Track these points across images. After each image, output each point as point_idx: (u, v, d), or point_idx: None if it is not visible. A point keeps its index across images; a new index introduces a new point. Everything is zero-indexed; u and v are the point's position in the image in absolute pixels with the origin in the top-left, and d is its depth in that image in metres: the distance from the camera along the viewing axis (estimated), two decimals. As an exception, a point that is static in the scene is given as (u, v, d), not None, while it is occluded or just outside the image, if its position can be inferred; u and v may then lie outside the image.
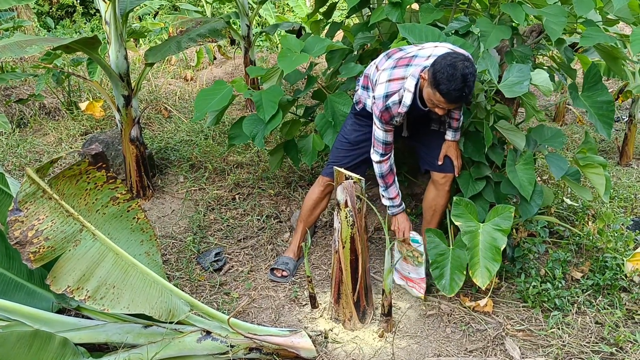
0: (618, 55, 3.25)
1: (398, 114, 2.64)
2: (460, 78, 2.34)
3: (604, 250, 3.08)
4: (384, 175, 2.84)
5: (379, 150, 2.78)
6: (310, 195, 3.21)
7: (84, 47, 3.35)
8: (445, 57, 2.40)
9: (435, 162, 2.98)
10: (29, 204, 2.10)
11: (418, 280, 2.93)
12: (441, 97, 2.42)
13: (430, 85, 2.45)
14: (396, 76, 2.63)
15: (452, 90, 2.36)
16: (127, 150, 3.80)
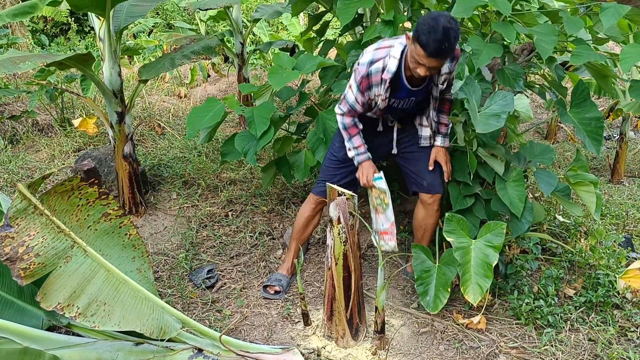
0: (608, 74, 3.29)
1: (379, 82, 2.61)
2: (441, 30, 2.31)
3: (597, 267, 3.09)
4: (347, 127, 2.84)
5: (343, 108, 2.80)
6: (301, 213, 3.19)
7: (78, 63, 3.36)
8: (429, 14, 2.40)
9: (423, 182, 2.98)
10: (20, 219, 2.09)
11: (389, 229, 2.93)
12: (421, 50, 2.38)
13: (412, 40, 2.43)
14: (384, 45, 2.62)
15: (431, 42, 2.33)
16: (120, 167, 3.79)
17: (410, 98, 2.75)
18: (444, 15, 2.36)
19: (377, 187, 2.88)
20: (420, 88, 2.73)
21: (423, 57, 2.40)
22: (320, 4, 4.37)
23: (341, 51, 4.36)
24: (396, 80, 2.64)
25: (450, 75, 2.77)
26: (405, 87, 2.68)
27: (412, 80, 2.66)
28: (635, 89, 2.80)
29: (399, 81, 2.65)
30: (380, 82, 2.61)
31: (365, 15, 3.91)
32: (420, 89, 2.73)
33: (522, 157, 3.05)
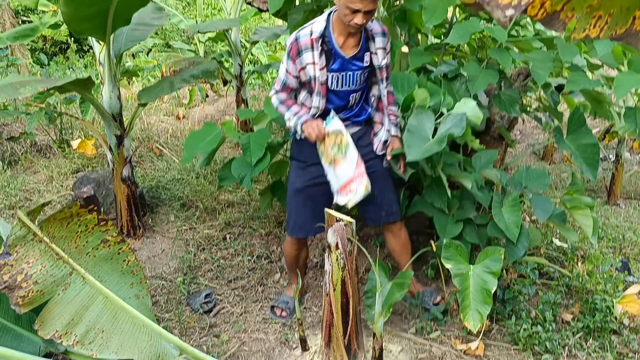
0: (603, 100, 3.33)
1: (310, 46, 2.56)
2: None
3: (594, 292, 3.10)
4: (283, 100, 2.78)
5: (277, 86, 2.76)
6: (288, 253, 3.10)
7: (78, 87, 3.39)
8: None
9: (381, 213, 2.95)
10: (19, 247, 2.10)
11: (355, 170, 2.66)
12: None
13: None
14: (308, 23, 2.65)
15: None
16: (119, 190, 3.80)
17: (347, 72, 2.68)
18: None
19: (331, 132, 2.65)
20: (353, 56, 2.66)
21: (357, 1, 2.38)
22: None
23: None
24: (327, 45, 2.60)
25: (385, 52, 2.72)
26: (339, 54, 2.63)
27: (344, 46, 2.63)
28: (629, 116, 2.83)
29: (330, 48, 2.61)
30: (311, 47, 2.57)
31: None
32: (352, 57, 2.66)
33: (517, 182, 3.08)
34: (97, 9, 3.02)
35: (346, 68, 2.67)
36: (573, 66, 3.09)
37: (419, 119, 2.76)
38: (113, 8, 3.06)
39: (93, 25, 3.18)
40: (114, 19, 3.19)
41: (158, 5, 4.23)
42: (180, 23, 8.52)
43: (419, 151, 2.63)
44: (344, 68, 2.67)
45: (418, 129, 2.71)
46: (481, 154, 3.12)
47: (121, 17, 3.23)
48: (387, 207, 2.95)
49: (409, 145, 2.66)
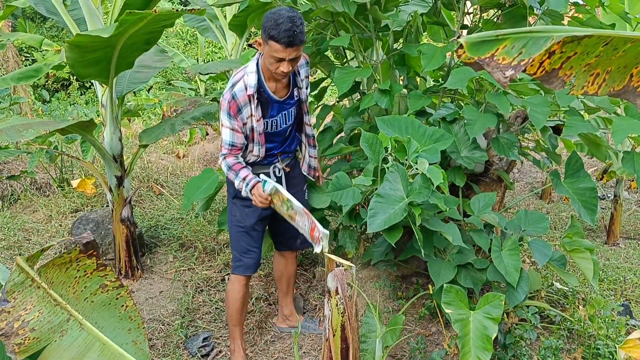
0: (600, 143, 3.35)
1: (247, 101, 2.60)
2: (286, 19, 2.38)
3: (596, 337, 3.07)
4: (231, 166, 2.75)
5: (224, 151, 2.74)
6: (234, 298, 2.99)
7: (80, 130, 3.41)
8: (269, 12, 2.45)
9: (297, 241, 3.12)
10: (17, 293, 2.08)
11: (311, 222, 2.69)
12: (276, 44, 2.41)
13: (264, 41, 2.46)
14: (239, 70, 2.67)
15: (282, 32, 2.37)
16: (118, 231, 3.79)
17: (282, 112, 2.77)
18: (283, 8, 2.46)
19: (272, 195, 2.72)
20: (287, 97, 2.77)
21: (281, 50, 2.43)
22: (319, 69, 4.49)
23: (338, 115, 4.44)
24: (263, 96, 2.67)
25: (307, 79, 2.87)
26: (273, 99, 2.71)
27: (277, 90, 2.72)
28: (627, 160, 2.85)
29: (265, 95, 2.68)
30: (248, 101, 2.62)
31: (362, 82, 4.00)
32: (286, 98, 2.77)
33: (516, 226, 3.08)
34: (101, 54, 3.06)
35: (282, 109, 2.79)
36: (570, 110, 3.13)
37: (392, 179, 2.74)
38: (117, 53, 3.11)
39: (97, 70, 3.22)
40: (117, 63, 3.24)
41: (160, 48, 4.29)
42: (182, 62, 8.65)
43: (380, 222, 2.61)
44: (280, 110, 2.78)
45: (389, 194, 2.69)
46: (480, 197, 3.13)
47: (124, 61, 3.28)
48: (292, 238, 3.12)
49: (372, 215, 2.64)
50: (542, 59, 1.26)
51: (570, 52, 1.27)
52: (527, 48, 1.22)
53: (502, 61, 1.24)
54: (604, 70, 1.32)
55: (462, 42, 1.22)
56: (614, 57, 1.29)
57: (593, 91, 1.34)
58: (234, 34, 5.24)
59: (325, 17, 3.74)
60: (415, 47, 3.39)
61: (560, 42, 1.22)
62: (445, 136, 2.97)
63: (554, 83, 1.33)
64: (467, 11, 3.59)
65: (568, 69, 1.31)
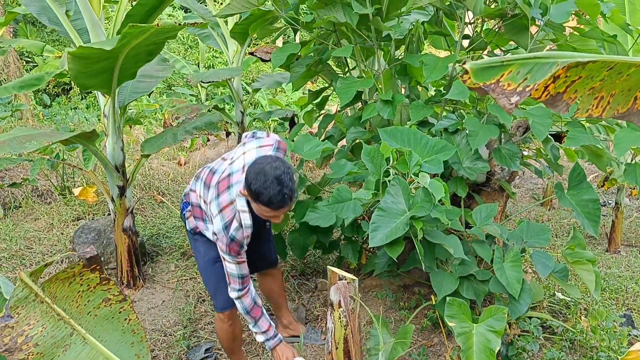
0: (602, 154, 3.36)
1: (245, 238, 2.51)
2: (274, 182, 2.25)
3: (599, 348, 3.07)
4: (249, 310, 2.62)
5: (236, 286, 2.58)
6: (225, 335, 2.91)
7: (83, 140, 3.42)
8: (253, 166, 2.33)
9: (271, 257, 3.18)
10: (21, 308, 2.09)
11: None
12: (267, 207, 2.33)
13: (252, 199, 2.36)
14: (225, 203, 2.49)
15: (272, 197, 2.27)
16: (119, 240, 3.79)
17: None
18: (268, 162, 2.30)
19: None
20: None
21: (271, 212, 2.36)
22: (321, 77, 4.49)
23: (340, 124, 4.44)
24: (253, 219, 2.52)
25: None
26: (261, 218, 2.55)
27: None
28: (629, 172, 2.86)
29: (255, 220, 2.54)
30: (245, 237, 2.52)
31: (364, 92, 4.00)
32: None
33: (518, 237, 3.08)
34: (104, 66, 3.06)
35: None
36: (573, 122, 3.13)
37: (394, 192, 2.74)
38: (119, 64, 3.12)
39: (99, 81, 3.23)
40: (120, 75, 3.24)
41: (162, 57, 4.29)
42: (183, 68, 8.67)
43: (382, 236, 2.62)
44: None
45: (391, 207, 2.70)
46: (482, 208, 3.13)
47: (127, 72, 3.28)
48: (267, 257, 3.16)
49: (374, 229, 2.63)
50: (547, 83, 1.26)
51: (574, 77, 1.28)
52: (533, 74, 1.23)
53: (507, 87, 1.24)
54: (608, 93, 1.33)
55: (467, 68, 1.23)
56: (617, 80, 1.30)
57: (597, 114, 1.35)
58: (235, 41, 5.24)
59: (327, 27, 3.74)
60: (418, 57, 3.40)
61: (565, 67, 1.22)
62: (448, 147, 2.97)
63: (558, 106, 1.34)
64: (469, 21, 3.60)
65: (572, 93, 1.31)
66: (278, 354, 2.69)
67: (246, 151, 2.63)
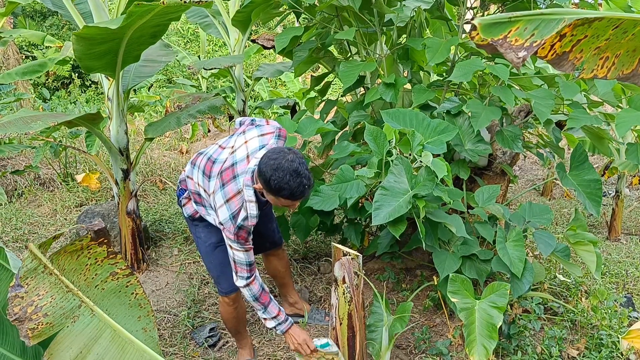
0: (604, 136, 3.38)
1: (252, 226, 2.52)
2: (293, 175, 2.28)
3: (599, 327, 3.10)
4: (258, 296, 2.62)
5: (244, 274, 2.58)
6: (228, 316, 2.94)
7: (87, 122, 3.44)
8: (267, 162, 2.32)
9: (266, 244, 3.15)
10: (30, 279, 2.11)
11: None
12: (288, 200, 2.36)
13: (270, 193, 2.37)
14: (232, 193, 2.49)
15: (294, 190, 2.30)
16: (124, 223, 3.82)
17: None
18: (282, 156, 2.31)
19: (326, 352, 2.61)
20: None
21: (292, 202, 2.40)
22: (323, 65, 4.51)
23: (342, 110, 4.46)
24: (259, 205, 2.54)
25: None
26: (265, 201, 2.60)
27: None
28: (631, 152, 2.88)
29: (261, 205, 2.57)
30: (252, 225, 2.52)
31: (366, 77, 4.02)
32: None
33: (520, 217, 3.11)
34: (109, 47, 3.08)
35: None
36: (574, 103, 3.16)
37: (396, 172, 2.75)
38: (124, 46, 3.13)
39: (104, 63, 3.24)
40: (124, 56, 3.26)
41: (165, 42, 4.31)
42: (183, 59, 8.67)
43: (385, 214, 2.63)
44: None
45: (394, 186, 2.71)
46: (484, 189, 3.16)
47: (131, 54, 3.30)
48: (270, 238, 3.16)
49: (377, 207, 2.65)
50: (553, 41, 1.29)
51: (580, 35, 1.30)
52: (540, 30, 1.25)
53: (514, 42, 1.26)
54: (613, 54, 1.35)
55: (475, 23, 1.25)
56: (623, 40, 1.32)
57: (602, 74, 1.37)
58: (237, 29, 5.25)
59: (329, 12, 3.76)
60: (420, 41, 3.41)
61: (571, 25, 1.25)
62: (450, 128, 2.99)
63: (564, 66, 1.36)
64: (470, 6, 3.62)
65: (578, 52, 1.34)
66: (292, 336, 2.65)
67: (248, 140, 2.62)
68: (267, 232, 3.15)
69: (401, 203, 2.70)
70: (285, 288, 3.40)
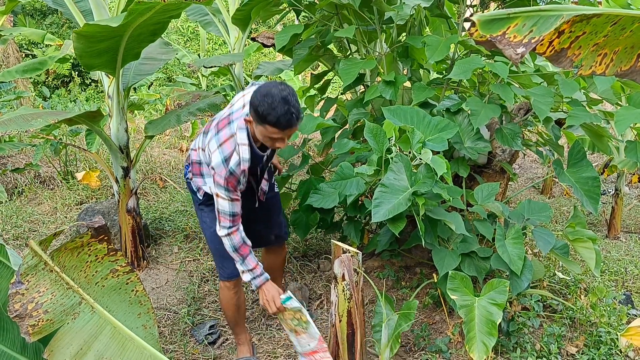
0: (603, 133, 3.39)
1: (243, 172, 2.51)
2: (281, 101, 2.28)
3: (598, 324, 3.11)
4: (237, 247, 2.61)
5: (227, 223, 2.56)
6: (228, 304, 2.93)
7: (87, 120, 3.44)
8: (259, 91, 2.34)
9: (271, 237, 3.10)
10: (31, 276, 2.12)
11: (318, 346, 2.62)
12: (274, 128, 2.34)
13: (258, 123, 2.37)
14: (224, 137, 2.51)
15: (280, 117, 2.29)
16: (124, 221, 3.82)
17: (264, 158, 2.72)
18: (274, 85, 2.34)
19: (289, 309, 2.63)
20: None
21: (279, 132, 2.37)
22: (322, 63, 4.52)
23: (342, 108, 4.47)
24: (252, 156, 2.57)
25: None
26: (260, 155, 2.64)
27: (262, 146, 2.63)
28: (630, 149, 2.89)
29: (254, 154, 2.59)
30: (244, 174, 2.53)
31: (366, 74, 4.03)
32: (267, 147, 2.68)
33: (520, 215, 3.12)
34: (109, 45, 3.09)
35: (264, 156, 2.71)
36: (573, 101, 3.16)
37: (396, 169, 2.76)
38: (124, 43, 3.14)
39: (104, 60, 3.25)
40: (124, 54, 3.27)
41: (165, 40, 4.32)
42: (183, 58, 8.67)
43: (384, 211, 2.63)
44: (262, 158, 2.70)
45: (393, 183, 2.72)
46: (483, 187, 3.16)
47: (131, 52, 3.30)
48: (277, 231, 3.13)
49: (377, 204, 2.65)
50: (551, 38, 1.29)
51: (579, 32, 1.31)
52: (538, 26, 1.26)
53: (513, 39, 1.27)
54: (611, 50, 1.36)
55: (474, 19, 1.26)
56: (621, 37, 1.33)
57: (601, 71, 1.38)
58: (237, 28, 5.25)
59: (329, 10, 3.76)
60: (420, 38, 3.42)
61: (569, 22, 1.25)
62: (450, 125, 2.99)
63: (563, 62, 1.37)
64: (470, 4, 3.62)
65: (577, 49, 1.34)
66: (264, 292, 2.64)
67: (245, 94, 2.66)
68: (275, 224, 3.11)
69: (401, 200, 2.70)
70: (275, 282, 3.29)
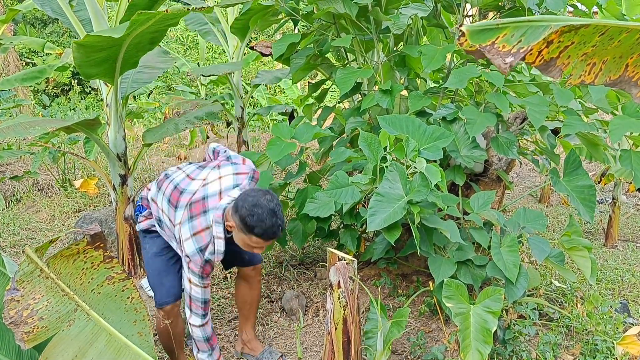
0: (598, 142, 3.40)
1: (217, 262, 2.54)
2: (269, 214, 2.32)
3: (594, 333, 3.11)
4: (210, 337, 2.62)
5: (200, 311, 2.57)
6: (160, 331, 2.82)
7: (85, 128, 3.46)
8: (246, 199, 2.35)
9: (244, 256, 2.95)
10: (26, 283, 2.13)
11: None
12: (259, 239, 2.37)
13: (242, 231, 2.38)
14: (199, 227, 2.48)
15: (267, 230, 2.33)
16: (121, 229, 3.83)
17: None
18: (262, 195, 2.36)
19: None
20: None
21: (263, 243, 2.41)
22: (320, 72, 4.54)
23: (340, 117, 4.49)
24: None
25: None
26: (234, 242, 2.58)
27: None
28: (625, 158, 2.90)
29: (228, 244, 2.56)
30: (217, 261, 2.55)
31: (363, 83, 4.05)
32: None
33: (515, 223, 3.13)
34: (108, 54, 3.11)
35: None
36: (569, 110, 3.18)
37: (391, 178, 2.77)
38: (122, 52, 3.16)
39: (103, 69, 3.27)
40: (123, 63, 3.29)
41: (163, 49, 4.35)
42: (182, 66, 8.71)
43: (380, 220, 2.64)
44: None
45: (388, 192, 2.72)
46: (479, 195, 3.18)
47: (129, 60, 3.33)
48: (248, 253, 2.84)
49: (372, 213, 2.66)
50: (540, 48, 1.31)
51: (567, 42, 1.33)
52: (527, 36, 1.28)
53: (502, 49, 1.29)
54: (600, 60, 1.37)
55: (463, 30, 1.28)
56: (609, 47, 1.34)
57: (590, 80, 1.39)
58: (235, 37, 5.29)
59: (326, 19, 3.79)
60: (416, 48, 3.44)
61: (558, 32, 1.27)
62: (446, 134, 3.01)
63: (552, 72, 1.39)
64: (467, 14, 3.65)
65: (566, 58, 1.36)
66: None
67: (222, 176, 2.61)
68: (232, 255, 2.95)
69: (396, 209, 2.71)
70: (246, 322, 3.15)
